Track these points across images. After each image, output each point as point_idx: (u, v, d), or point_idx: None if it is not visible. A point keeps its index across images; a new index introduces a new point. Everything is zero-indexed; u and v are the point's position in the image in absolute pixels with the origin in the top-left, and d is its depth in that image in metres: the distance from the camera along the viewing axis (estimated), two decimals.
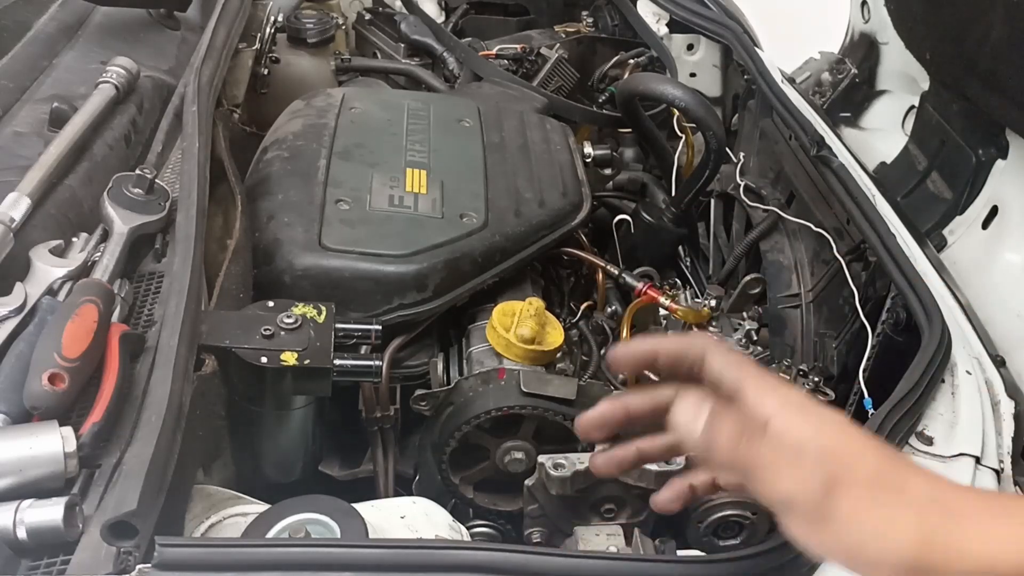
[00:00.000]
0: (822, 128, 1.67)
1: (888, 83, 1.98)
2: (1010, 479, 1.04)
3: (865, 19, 2.00)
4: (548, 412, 1.10)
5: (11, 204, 1.04)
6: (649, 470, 1.06)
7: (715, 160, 1.65)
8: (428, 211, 1.33)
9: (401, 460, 1.31)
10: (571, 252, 1.55)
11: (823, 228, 1.55)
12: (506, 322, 1.21)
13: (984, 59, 1.45)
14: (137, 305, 1.03)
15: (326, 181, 1.34)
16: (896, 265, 1.29)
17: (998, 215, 1.51)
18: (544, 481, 1.06)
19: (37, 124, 1.25)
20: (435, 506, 1.03)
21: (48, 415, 0.81)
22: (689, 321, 1.47)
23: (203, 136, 1.22)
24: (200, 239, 1.05)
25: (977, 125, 1.58)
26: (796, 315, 1.60)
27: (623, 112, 1.82)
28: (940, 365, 1.12)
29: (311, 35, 2.07)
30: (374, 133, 1.50)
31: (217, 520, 0.92)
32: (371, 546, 0.81)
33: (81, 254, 1.04)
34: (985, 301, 1.39)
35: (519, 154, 1.54)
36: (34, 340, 0.87)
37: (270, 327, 1.04)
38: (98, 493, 0.78)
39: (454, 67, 2.09)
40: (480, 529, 1.21)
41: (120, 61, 1.37)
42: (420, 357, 1.28)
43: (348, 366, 1.10)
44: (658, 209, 1.79)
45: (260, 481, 1.18)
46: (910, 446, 1.03)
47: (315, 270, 1.22)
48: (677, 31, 2.22)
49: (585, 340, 1.47)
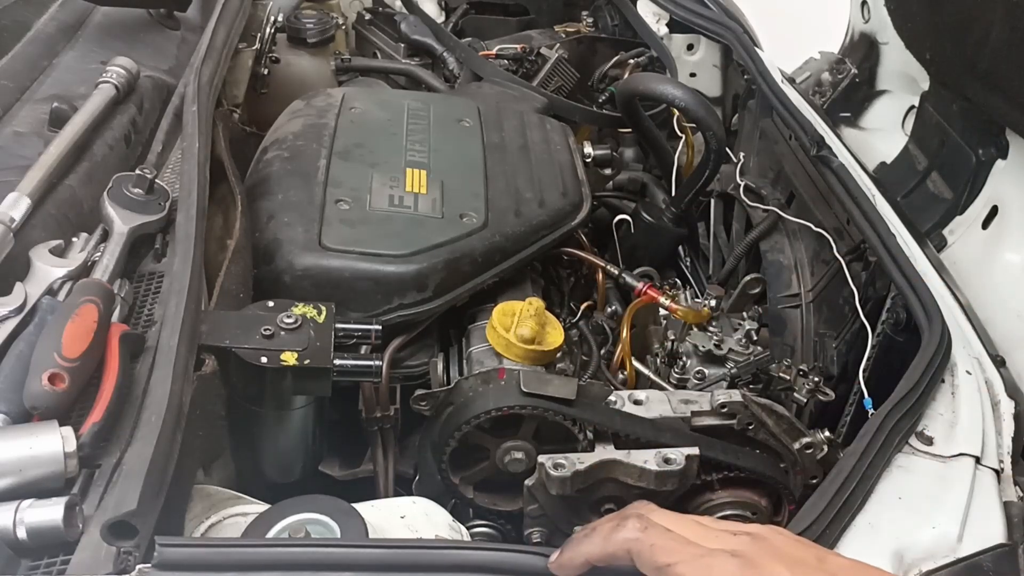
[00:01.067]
0: (822, 128, 1.67)
1: (888, 83, 1.99)
2: (1010, 479, 1.04)
3: (865, 19, 2.00)
4: (548, 412, 1.10)
5: (11, 204, 1.04)
6: (649, 470, 1.06)
7: (715, 160, 1.65)
8: (428, 211, 1.33)
9: (401, 460, 1.31)
10: (571, 252, 1.55)
11: (823, 228, 1.55)
12: (506, 322, 1.21)
13: (984, 59, 1.45)
14: (137, 305, 1.03)
15: (326, 181, 1.34)
16: (896, 265, 1.30)
17: (998, 215, 1.51)
18: (544, 481, 1.06)
19: (37, 124, 1.25)
20: (435, 506, 1.03)
21: (48, 415, 0.81)
22: (689, 321, 1.47)
23: (203, 136, 1.22)
24: (200, 239, 1.05)
25: (977, 125, 1.58)
26: (796, 315, 1.60)
27: (623, 112, 1.82)
28: (940, 365, 1.12)
29: (311, 35, 2.07)
30: (374, 133, 1.50)
31: (217, 520, 0.92)
32: (371, 546, 0.81)
33: (81, 254, 1.04)
34: (985, 301, 1.39)
35: (519, 154, 1.54)
36: (34, 340, 0.87)
37: (270, 327, 1.04)
38: (98, 493, 0.78)
39: (454, 67, 2.09)
40: (480, 529, 1.21)
41: (120, 61, 1.37)
42: (420, 357, 1.28)
43: (348, 366, 1.10)
44: (658, 209, 1.79)
45: (260, 481, 1.18)
46: (910, 446, 1.03)
47: (315, 270, 1.22)
48: (677, 31, 2.22)
49: (585, 340, 1.47)
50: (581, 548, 0.77)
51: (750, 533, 0.72)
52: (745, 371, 1.43)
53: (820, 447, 1.18)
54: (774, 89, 1.77)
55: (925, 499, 0.97)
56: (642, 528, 0.74)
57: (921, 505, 0.96)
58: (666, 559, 0.71)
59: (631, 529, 0.74)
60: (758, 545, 0.71)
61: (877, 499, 0.96)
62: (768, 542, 0.71)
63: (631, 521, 0.75)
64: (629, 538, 0.74)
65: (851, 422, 1.34)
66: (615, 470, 1.08)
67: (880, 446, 0.99)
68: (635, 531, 0.74)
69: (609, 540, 0.75)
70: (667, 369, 1.47)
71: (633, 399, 1.16)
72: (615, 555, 0.75)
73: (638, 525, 0.74)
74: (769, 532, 0.73)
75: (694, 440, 1.13)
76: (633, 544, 0.73)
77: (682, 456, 1.07)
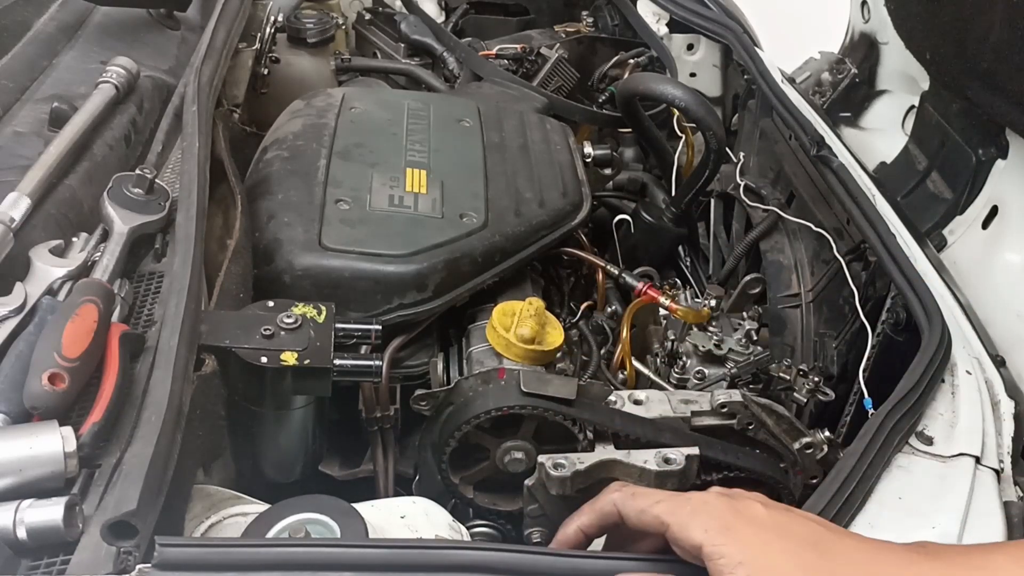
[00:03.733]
0: (822, 128, 1.67)
1: (888, 83, 1.98)
2: (1010, 479, 1.04)
3: (865, 19, 2.00)
4: (548, 412, 1.10)
5: (11, 204, 1.04)
6: (649, 470, 1.06)
7: (715, 160, 1.65)
8: (428, 211, 1.33)
9: (401, 460, 1.31)
10: (571, 252, 1.55)
11: (823, 228, 1.55)
12: (506, 322, 1.21)
13: (984, 59, 1.45)
14: (137, 305, 1.03)
15: (326, 181, 1.34)
16: (896, 265, 1.29)
17: (998, 215, 1.51)
18: (544, 481, 1.06)
19: (37, 124, 1.25)
20: (435, 506, 1.03)
21: (48, 415, 0.81)
22: (689, 321, 1.47)
23: (203, 136, 1.22)
24: (200, 239, 1.05)
25: (977, 125, 1.58)
26: (796, 315, 1.60)
27: (623, 112, 1.82)
28: (940, 365, 1.12)
29: (311, 35, 2.07)
30: (374, 133, 1.50)
31: (217, 520, 0.92)
32: (371, 546, 0.81)
33: (81, 254, 1.04)
34: (985, 301, 1.39)
35: (519, 154, 1.54)
36: (34, 340, 0.87)
37: (270, 327, 1.04)
38: (98, 493, 0.78)
39: (454, 67, 2.09)
40: (480, 529, 1.21)
41: (120, 61, 1.37)
42: (420, 357, 1.28)
43: (348, 366, 1.10)
44: (658, 209, 1.79)
45: (260, 481, 1.18)
46: (910, 446, 1.03)
47: (315, 270, 1.22)
48: (677, 31, 2.22)
49: (585, 340, 1.47)
50: (572, 521, 0.87)
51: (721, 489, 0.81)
52: (745, 371, 1.43)
53: (820, 447, 1.18)
54: (774, 89, 1.77)
55: (925, 499, 0.97)
56: (623, 486, 0.85)
57: (921, 505, 0.96)
58: (647, 501, 0.79)
59: (613, 489, 0.85)
60: (730, 492, 0.79)
61: (877, 499, 0.96)
62: (740, 492, 0.80)
63: (613, 484, 0.87)
64: (612, 495, 0.84)
65: (851, 422, 1.34)
66: (615, 470, 1.08)
67: (880, 446, 0.99)
68: (616, 489, 0.84)
69: (595, 503, 0.85)
70: (667, 369, 1.47)
71: (633, 399, 1.16)
72: (602, 512, 0.84)
73: (619, 485, 0.86)
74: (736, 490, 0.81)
75: (694, 440, 1.13)
76: (617, 497, 0.83)
77: (682, 456, 1.07)
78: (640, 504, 0.79)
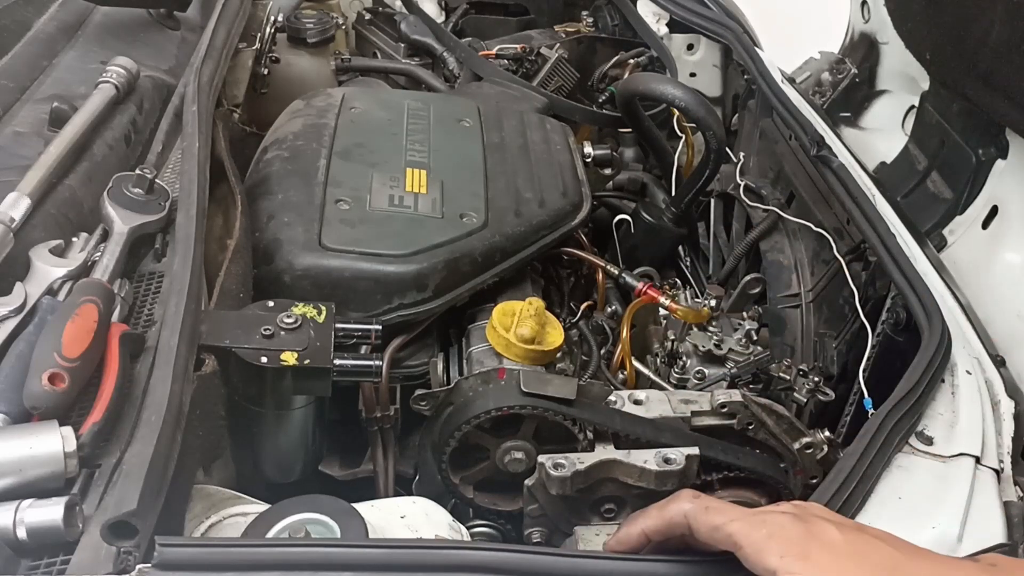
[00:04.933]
0: (822, 128, 1.67)
1: (888, 83, 1.98)
2: (1010, 479, 1.04)
3: (865, 19, 2.00)
4: (548, 412, 1.10)
5: (11, 204, 1.04)
6: (649, 470, 1.06)
7: (715, 160, 1.65)
8: (428, 211, 1.33)
9: (401, 460, 1.31)
10: (571, 252, 1.55)
11: (823, 228, 1.55)
12: (506, 322, 1.21)
13: (984, 59, 1.45)
14: (137, 305, 1.03)
15: (326, 181, 1.34)
16: (896, 265, 1.29)
17: (998, 215, 1.51)
18: (544, 481, 1.06)
19: (37, 124, 1.25)
20: (435, 506, 1.03)
21: (48, 415, 0.81)
22: (689, 321, 1.47)
23: (203, 136, 1.22)
24: (200, 239, 1.05)
25: (977, 125, 1.58)
26: (796, 315, 1.60)
27: (623, 112, 1.82)
28: (940, 365, 1.12)
29: (311, 35, 2.07)
30: (374, 133, 1.50)
31: (217, 520, 0.92)
32: (371, 546, 0.81)
33: (81, 254, 1.04)
34: (985, 301, 1.39)
35: (519, 154, 1.54)
36: (34, 340, 0.87)
37: (270, 327, 1.04)
38: (98, 493, 0.78)
39: (454, 67, 2.09)
40: (480, 529, 1.21)
41: (120, 61, 1.37)
42: (420, 357, 1.28)
43: (348, 366, 1.10)
44: (658, 209, 1.79)
45: (260, 481, 1.18)
46: (910, 446, 1.03)
47: (315, 270, 1.22)
48: (677, 31, 2.22)
49: (585, 340, 1.47)
50: (637, 522, 0.84)
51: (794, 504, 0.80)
52: (745, 371, 1.43)
53: (820, 447, 1.18)
54: (774, 89, 1.77)
55: (925, 499, 0.97)
56: (695, 497, 0.81)
57: (921, 505, 0.96)
58: (721, 518, 0.77)
59: (685, 499, 0.81)
60: (803, 508, 0.78)
61: (877, 499, 0.95)
62: (811, 508, 0.79)
63: (684, 493, 0.82)
64: (684, 505, 0.81)
65: (851, 422, 1.34)
66: (615, 470, 1.08)
67: (880, 446, 0.99)
68: (689, 500, 0.81)
69: (664, 510, 0.82)
70: (667, 369, 1.47)
71: (633, 399, 1.16)
72: (671, 521, 0.81)
73: (691, 495, 0.82)
74: (808, 503, 0.81)
75: (694, 440, 1.13)
76: (688, 509, 0.80)
77: (682, 456, 1.07)
78: (714, 520, 0.77)
